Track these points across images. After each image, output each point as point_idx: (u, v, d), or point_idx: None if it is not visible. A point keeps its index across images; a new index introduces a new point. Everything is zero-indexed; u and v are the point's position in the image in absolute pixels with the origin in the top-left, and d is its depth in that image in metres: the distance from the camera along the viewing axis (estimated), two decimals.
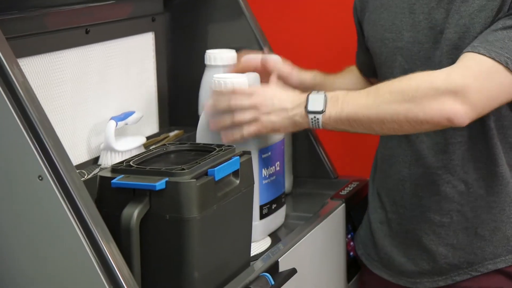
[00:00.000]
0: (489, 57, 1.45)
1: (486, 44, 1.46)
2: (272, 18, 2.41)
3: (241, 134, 1.52)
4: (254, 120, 1.51)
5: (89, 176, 1.64)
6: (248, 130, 1.51)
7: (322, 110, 1.48)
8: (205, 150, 1.44)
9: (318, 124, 1.49)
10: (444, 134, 1.60)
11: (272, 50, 2.00)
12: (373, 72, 1.80)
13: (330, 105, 1.48)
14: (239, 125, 1.51)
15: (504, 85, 1.46)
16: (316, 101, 1.49)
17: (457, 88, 1.43)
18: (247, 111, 1.51)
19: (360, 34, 1.82)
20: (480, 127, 1.58)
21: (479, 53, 1.46)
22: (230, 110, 1.52)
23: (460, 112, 1.43)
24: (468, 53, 1.47)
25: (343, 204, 1.78)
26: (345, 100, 1.49)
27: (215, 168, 1.33)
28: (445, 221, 1.63)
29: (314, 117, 1.49)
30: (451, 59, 1.55)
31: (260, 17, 2.05)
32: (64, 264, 1.25)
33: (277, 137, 1.67)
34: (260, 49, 1.98)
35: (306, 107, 1.50)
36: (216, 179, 1.33)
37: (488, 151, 1.59)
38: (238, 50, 1.89)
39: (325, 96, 1.49)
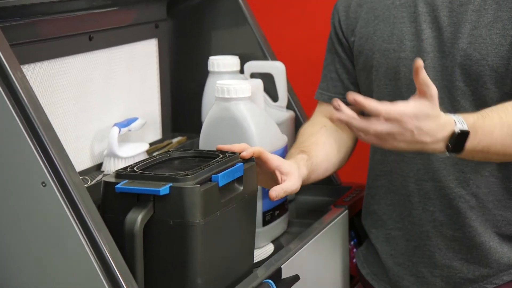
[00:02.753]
0: None
1: None
2: (275, 24, 2.41)
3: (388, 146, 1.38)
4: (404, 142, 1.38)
5: (92, 183, 1.64)
6: (394, 145, 1.37)
7: (461, 151, 1.41)
8: (209, 156, 1.44)
9: (454, 154, 1.42)
10: None
11: (276, 57, 2.00)
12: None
13: (468, 142, 1.40)
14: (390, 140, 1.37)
15: None
16: (458, 142, 1.40)
17: None
18: (403, 135, 1.37)
19: (341, 53, 1.74)
20: None
21: None
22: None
23: None
24: None
25: (346, 211, 1.78)
26: (482, 134, 1.42)
27: (219, 174, 1.33)
28: (457, 235, 1.61)
29: (451, 155, 1.41)
30: (466, 70, 1.55)
31: (263, 23, 2.05)
32: (67, 270, 1.25)
33: (280, 143, 1.67)
34: (263, 55, 1.98)
35: (448, 145, 1.39)
36: (220, 185, 1.33)
37: (502, 165, 1.58)
38: (241, 56, 1.90)
39: (469, 134, 1.40)
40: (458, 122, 1.39)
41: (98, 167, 1.76)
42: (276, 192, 1.44)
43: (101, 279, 1.22)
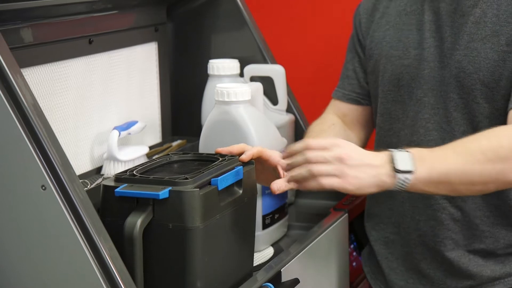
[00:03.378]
0: None
1: None
2: (275, 28, 2.41)
3: (319, 185, 1.34)
4: (337, 174, 1.34)
5: (92, 186, 1.64)
6: (331, 182, 1.33)
7: (412, 170, 1.35)
8: (209, 160, 1.44)
9: (405, 185, 1.35)
10: None
11: (275, 60, 2.00)
12: (363, 98, 1.76)
13: (418, 165, 1.35)
14: (318, 176, 1.34)
15: None
16: (403, 160, 1.36)
17: None
18: (330, 164, 1.34)
19: (360, 53, 1.75)
20: None
21: None
22: (308, 162, 1.35)
23: None
24: None
25: (346, 215, 1.78)
26: (433, 159, 1.37)
27: (218, 178, 1.33)
28: (439, 248, 1.60)
29: (404, 177, 1.35)
30: (459, 82, 1.53)
31: (263, 27, 2.05)
32: (66, 274, 1.25)
33: (279, 147, 1.67)
34: (263, 58, 1.98)
35: (394, 166, 1.35)
36: (219, 188, 1.33)
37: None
38: (241, 59, 1.90)
39: (410, 154, 1.36)
40: (394, 149, 1.37)
41: (98, 171, 1.76)
42: (278, 184, 1.38)
43: (100, 283, 1.22)
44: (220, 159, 1.42)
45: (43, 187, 1.24)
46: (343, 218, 1.77)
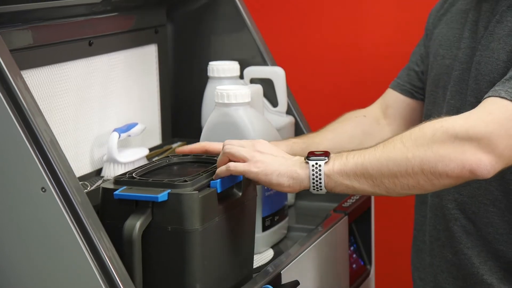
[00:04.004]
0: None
1: (509, 87, 1.31)
2: (275, 30, 2.41)
3: (227, 169, 1.34)
4: (245, 158, 1.34)
5: (92, 188, 1.64)
6: (237, 165, 1.34)
7: (325, 158, 1.32)
8: (208, 162, 1.44)
9: (320, 175, 1.31)
10: None
11: (275, 62, 2.00)
12: (418, 92, 1.69)
13: (333, 157, 1.32)
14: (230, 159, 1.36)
15: None
16: (315, 156, 1.33)
17: (478, 135, 1.25)
18: (241, 147, 1.36)
19: (427, 48, 1.67)
20: None
21: (500, 97, 1.29)
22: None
23: (485, 162, 1.25)
24: (489, 98, 1.31)
25: (346, 217, 1.78)
26: (350, 153, 1.32)
27: (218, 180, 1.33)
28: (455, 260, 1.52)
29: (316, 164, 1.31)
30: (477, 85, 1.46)
31: (263, 28, 2.05)
32: (66, 276, 1.25)
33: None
34: (263, 60, 1.98)
35: (306, 157, 1.33)
36: (219, 191, 1.33)
37: (504, 196, 1.46)
38: (241, 61, 1.90)
39: (326, 153, 1.34)
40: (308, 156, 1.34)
41: (98, 172, 1.76)
42: (220, 169, 1.35)
43: (100, 285, 1.22)
44: None
45: (43, 189, 1.24)
46: (343, 220, 1.77)
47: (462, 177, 1.27)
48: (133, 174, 1.36)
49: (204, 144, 1.52)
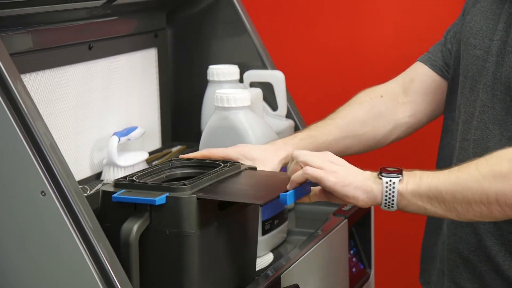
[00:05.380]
0: None
1: None
2: (275, 33, 2.42)
3: (304, 173, 1.32)
4: (323, 167, 1.32)
5: (92, 192, 1.64)
6: (314, 171, 1.32)
7: (399, 176, 1.30)
8: (211, 166, 1.44)
9: (393, 193, 1.29)
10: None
11: (275, 66, 2.01)
12: (447, 71, 1.62)
13: (406, 174, 1.30)
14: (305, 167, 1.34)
15: None
16: (390, 173, 1.31)
17: None
18: (319, 159, 1.34)
19: (458, 27, 1.61)
20: None
21: None
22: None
23: None
24: None
25: (346, 220, 1.78)
26: (424, 174, 1.30)
27: (287, 193, 1.31)
28: (473, 258, 1.48)
29: (390, 181, 1.29)
30: (509, 82, 1.41)
31: (262, 32, 2.06)
32: (66, 279, 1.26)
33: None
34: (263, 64, 1.98)
35: (379, 173, 1.32)
36: (288, 203, 1.32)
37: None
38: (240, 65, 1.90)
39: (400, 170, 1.31)
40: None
41: (97, 176, 1.76)
42: (296, 175, 1.33)
43: (99, 287, 1.22)
44: (222, 165, 1.42)
45: (43, 193, 1.24)
46: (343, 224, 1.77)
47: None
48: (134, 177, 1.36)
49: (206, 152, 1.50)
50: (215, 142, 1.61)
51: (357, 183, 1.31)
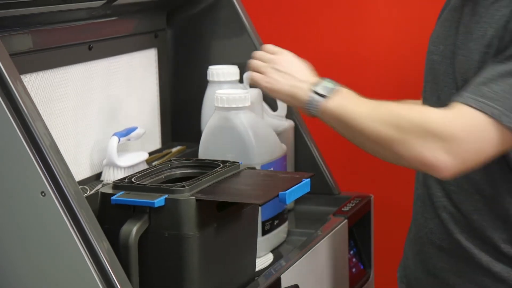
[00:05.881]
0: (480, 111, 1.36)
1: (477, 95, 1.37)
2: (275, 34, 2.41)
3: (251, 77, 1.57)
4: (263, 72, 1.54)
5: (92, 192, 1.64)
6: (255, 75, 1.56)
7: (325, 96, 1.45)
8: (210, 166, 1.43)
9: (314, 108, 1.46)
10: None
11: None
12: None
13: (335, 97, 1.45)
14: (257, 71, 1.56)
15: (495, 138, 1.36)
16: (325, 87, 1.47)
17: (447, 137, 1.35)
18: (264, 63, 1.55)
19: None
20: None
21: (469, 106, 1.37)
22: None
23: (445, 162, 1.35)
24: (461, 105, 1.38)
25: (346, 221, 1.78)
26: (349, 99, 1.45)
27: (286, 192, 1.31)
28: (445, 246, 1.56)
29: (314, 98, 1.46)
30: (455, 83, 1.49)
31: (262, 33, 2.05)
32: (66, 279, 1.26)
33: (279, 153, 1.67)
34: None
35: (314, 86, 1.47)
36: (287, 202, 1.32)
37: (489, 185, 1.49)
38: (240, 65, 1.90)
39: (336, 86, 1.47)
40: (330, 80, 1.49)
41: (97, 177, 1.76)
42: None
43: None
44: (221, 165, 1.42)
45: (43, 193, 1.24)
46: (343, 224, 1.77)
47: (418, 167, 1.40)
48: (133, 179, 1.35)
49: None
50: (215, 142, 1.61)
51: (285, 91, 1.51)
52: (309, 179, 1.38)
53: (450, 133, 1.35)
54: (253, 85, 1.59)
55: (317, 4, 2.44)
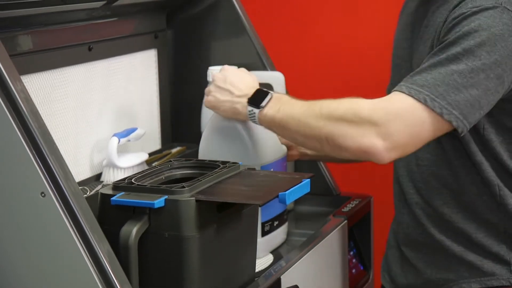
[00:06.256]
0: (410, 96, 1.42)
1: (410, 83, 1.45)
2: (275, 34, 2.42)
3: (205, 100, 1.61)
4: (207, 92, 1.60)
5: (92, 193, 1.64)
6: (205, 98, 1.61)
7: (261, 106, 1.52)
8: (210, 166, 1.43)
9: (254, 119, 1.53)
10: (415, 154, 1.58)
11: (275, 67, 2.01)
12: None
13: (271, 104, 1.51)
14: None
15: (426, 122, 1.43)
16: (260, 97, 1.53)
17: (379, 121, 1.41)
18: (215, 82, 1.60)
19: None
20: (442, 153, 1.57)
21: (401, 92, 1.44)
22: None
23: (379, 147, 1.41)
24: (395, 92, 1.46)
25: (345, 221, 1.78)
26: (285, 104, 1.51)
27: (286, 192, 1.31)
28: (421, 239, 1.63)
29: (252, 110, 1.52)
30: None
31: (262, 33, 2.05)
32: (66, 280, 1.26)
33: (279, 154, 1.67)
34: (262, 65, 1.98)
35: (249, 98, 1.54)
36: (287, 203, 1.31)
37: (454, 179, 1.58)
38: (240, 66, 1.90)
39: (271, 95, 1.52)
40: (265, 88, 1.55)
41: (97, 177, 1.76)
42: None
43: None
44: (221, 166, 1.42)
45: (43, 194, 1.24)
46: (343, 225, 1.77)
47: (358, 155, 1.44)
48: (133, 180, 1.35)
49: None
50: (214, 143, 1.61)
51: (226, 107, 1.57)
52: (309, 179, 1.38)
53: (380, 116, 1.41)
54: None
55: (317, 4, 2.45)
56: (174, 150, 1.99)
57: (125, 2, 1.75)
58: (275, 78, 1.91)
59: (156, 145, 2.01)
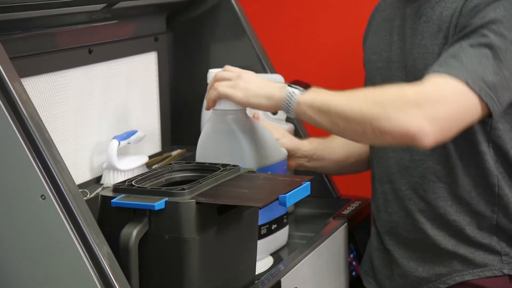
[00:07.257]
0: (454, 79, 1.43)
1: (447, 66, 1.46)
2: (274, 37, 2.42)
3: (217, 92, 1.55)
4: (232, 85, 1.54)
5: (92, 195, 1.64)
6: (225, 90, 1.54)
7: (302, 89, 1.50)
8: (210, 169, 1.43)
9: (292, 101, 1.49)
10: (408, 150, 1.61)
11: (275, 70, 2.01)
12: None
13: (312, 90, 1.51)
14: (217, 87, 1.56)
15: (467, 106, 1.44)
16: (297, 87, 1.52)
17: (424, 101, 1.41)
18: (230, 80, 1.56)
19: None
20: (440, 147, 1.56)
21: (441, 74, 1.45)
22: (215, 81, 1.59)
23: (427, 131, 1.40)
24: (436, 74, 1.46)
25: (346, 224, 1.78)
26: (325, 92, 1.51)
27: (286, 195, 1.31)
28: (412, 237, 1.64)
29: (293, 92, 1.49)
30: (416, 79, 1.55)
31: (262, 36, 2.06)
32: (66, 282, 1.26)
33: (278, 157, 1.67)
34: (262, 68, 1.98)
35: (288, 83, 1.52)
36: (287, 205, 1.31)
37: (449, 172, 1.60)
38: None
39: (308, 86, 1.53)
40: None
41: (97, 180, 1.76)
42: (210, 94, 1.58)
43: None
44: (221, 168, 1.42)
45: (43, 197, 1.24)
46: (343, 227, 1.77)
47: (401, 140, 1.43)
48: (133, 182, 1.35)
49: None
50: (212, 146, 1.61)
51: (261, 93, 1.52)
52: (309, 182, 1.38)
53: (427, 98, 1.42)
54: (211, 107, 1.60)
55: (317, 7, 2.45)
56: (174, 153, 1.99)
57: (125, 4, 1.75)
58: (275, 80, 1.91)
59: (156, 147, 2.01)
